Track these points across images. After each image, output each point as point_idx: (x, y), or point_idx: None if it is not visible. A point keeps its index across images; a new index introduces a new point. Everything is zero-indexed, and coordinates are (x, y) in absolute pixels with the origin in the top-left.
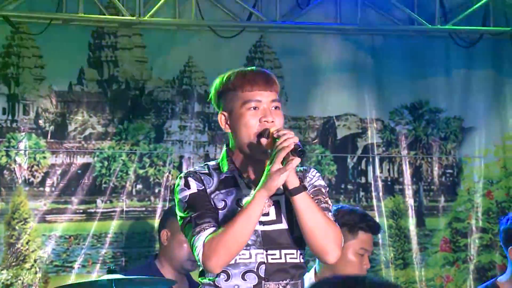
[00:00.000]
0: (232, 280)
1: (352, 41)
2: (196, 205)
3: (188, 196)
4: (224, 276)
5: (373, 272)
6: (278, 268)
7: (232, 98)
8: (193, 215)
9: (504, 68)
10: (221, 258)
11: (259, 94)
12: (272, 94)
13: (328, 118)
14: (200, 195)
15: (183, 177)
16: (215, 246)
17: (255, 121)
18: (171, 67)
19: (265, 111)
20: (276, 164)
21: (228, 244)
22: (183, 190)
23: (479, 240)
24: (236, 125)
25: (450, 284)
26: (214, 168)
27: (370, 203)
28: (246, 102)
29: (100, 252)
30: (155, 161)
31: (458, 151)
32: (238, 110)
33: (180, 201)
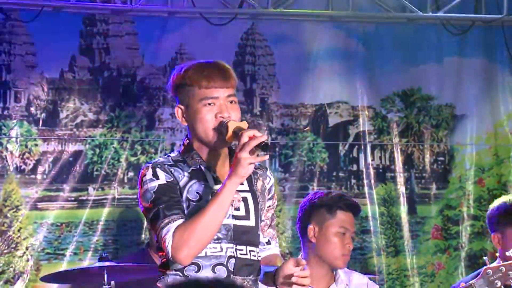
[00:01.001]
0: (202, 272)
1: (343, 29)
2: (164, 196)
3: (156, 187)
4: (195, 268)
5: (364, 259)
6: (244, 263)
7: (188, 93)
8: (161, 207)
9: (496, 55)
10: (191, 248)
11: (216, 91)
12: (229, 90)
13: (320, 105)
14: (169, 186)
15: (151, 168)
16: (186, 237)
17: (211, 117)
18: (162, 54)
19: (221, 107)
20: (245, 152)
21: (199, 234)
22: (152, 180)
23: (470, 227)
24: (193, 120)
25: (441, 271)
26: (177, 160)
27: (361, 191)
28: (202, 99)
29: (92, 240)
30: (147, 149)
31: (449, 139)
32: (194, 106)
33: (147, 191)
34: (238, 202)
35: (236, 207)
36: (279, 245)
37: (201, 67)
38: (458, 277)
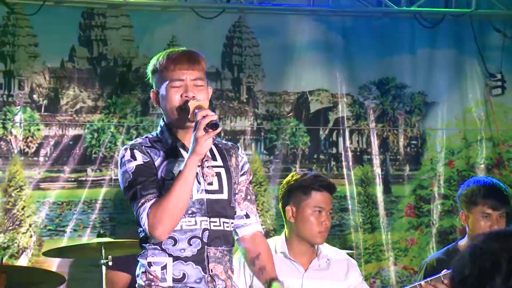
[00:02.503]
0: (179, 244)
1: (324, 22)
2: (141, 177)
3: (134, 168)
4: (172, 241)
5: (343, 235)
6: (218, 235)
7: (160, 78)
8: (138, 187)
9: (465, 47)
10: (166, 225)
11: (181, 73)
12: (195, 73)
13: (302, 93)
14: (146, 166)
15: (129, 149)
16: (159, 215)
17: (177, 97)
18: (156, 45)
19: (186, 88)
20: (200, 130)
21: (170, 211)
22: (129, 161)
23: (441, 206)
24: (163, 101)
25: (414, 246)
26: (154, 140)
27: (340, 172)
28: (170, 81)
29: (91, 217)
30: (142, 133)
31: (422, 124)
32: (163, 88)
33: (126, 172)
34: (211, 177)
35: (209, 181)
36: (264, 222)
37: (171, 53)
38: (430, 252)
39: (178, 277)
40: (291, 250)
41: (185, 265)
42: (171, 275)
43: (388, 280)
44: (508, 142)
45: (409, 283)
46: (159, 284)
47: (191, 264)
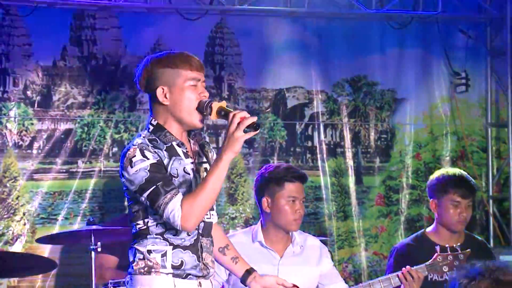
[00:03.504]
0: (179, 234)
1: (300, 24)
2: (159, 174)
3: (149, 166)
4: (173, 231)
5: (318, 223)
6: (208, 226)
7: (173, 75)
8: (159, 184)
9: (431, 47)
10: (199, 217)
11: (197, 74)
12: (203, 75)
13: (280, 90)
14: (159, 164)
15: (138, 149)
16: (194, 208)
17: (195, 96)
18: (143, 45)
19: (202, 88)
20: (240, 130)
21: (204, 204)
22: (142, 160)
23: (409, 195)
24: (178, 98)
25: (384, 233)
26: (151, 139)
27: (315, 164)
28: (188, 79)
29: (81, 206)
30: (129, 127)
31: (391, 119)
32: (180, 85)
33: (140, 170)
34: (203, 173)
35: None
36: (244, 211)
37: (182, 54)
38: (398, 238)
39: (176, 264)
40: (267, 238)
41: (183, 253)
42: (170, 262)
43: (360, 265)
44: (471, 136)
45: (381, 269)
46: (160, 270)
47: (188, 252)
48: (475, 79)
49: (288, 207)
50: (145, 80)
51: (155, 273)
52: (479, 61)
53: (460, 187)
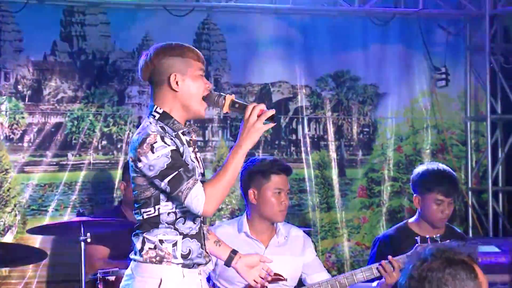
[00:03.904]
0: (187, 223)
1: (285, 20)
2: (179, 160)
3: (170, 152)
4: (182, 220)
5: (302, 214)
6: None
7: (185, 64)
8: (180, 170)
9: (413, 43)
10: (219, 202)
11: (203, 65)
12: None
13: (265, 84)
14: (178, 151)
15: (158, 135)
16: (216, 193)
17: (203, 86)
18: (131, 41)
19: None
20: (261, 122)
21: (224, 190)
22: (164, 146)
23: (390, 187)
24: (190, 86)
25: (366, 224)
26: (161, 127)
27: (299, 157)
28: (200, 69)
29: (71, 198)
30: (118, 121)
31: (373, 113)
32: (192, 74)
33: (162, 156)
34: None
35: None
36: (230, 202)
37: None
38: (380, 229)
39: (185, 253)
40: (252, 229)
41: (191, 242)
42: (180, 252)
43: (342, 255)
44: (451, 129)
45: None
46: (171, 260)
47: (195, 240)
48: (455, 74)
49: (274, 199)
50: (150, 69)
51: (166, 263)
52: (459, 57)
53: (443, 185)
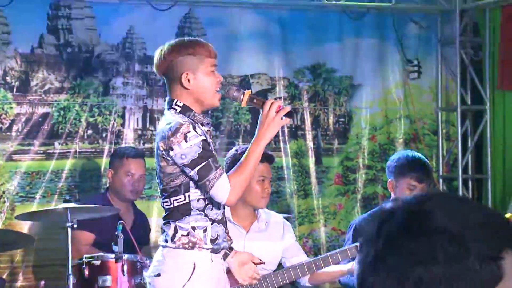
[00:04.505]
0: (214, 209)
1: (264, 14)
2: (209, 151)
3: (201, 142)
4: (210, 206)
5: (280, 201)
6: None
7: (196, 61)
8: (210, 160)
9: (386, 36)
10: (242, 191)
11: (215, 61)
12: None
13: (244, 76)
14: (207, 142)
15: (190, 125)
16: (240, 183)
17: (215, 80)
18: (116, 34)
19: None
20: (279, 116)
21: (247, 179)
22: (196, 136)
23: (365, 175)
24: (202, 82)
25: (341, 210)
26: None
27: (278, 145)
28: (212, 65)
29: (58, 185)
30: (103, 111)
31: (348, 103)
32: (204, 71)
33: (194, 145)
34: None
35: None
36: None
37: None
38: (355, 215)
39: (213, 238)
40: (234, 215)
41: (218, 227)
42: (210, 237)
43: (319, 240)
44: (423, 120)
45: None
46: (202, 246)
47: (221, 225)
48: (427, 66)
49: (258, 186)
50: (164, 66)
51: (198, 249)
52: (430, 50)
53: (417, 171)
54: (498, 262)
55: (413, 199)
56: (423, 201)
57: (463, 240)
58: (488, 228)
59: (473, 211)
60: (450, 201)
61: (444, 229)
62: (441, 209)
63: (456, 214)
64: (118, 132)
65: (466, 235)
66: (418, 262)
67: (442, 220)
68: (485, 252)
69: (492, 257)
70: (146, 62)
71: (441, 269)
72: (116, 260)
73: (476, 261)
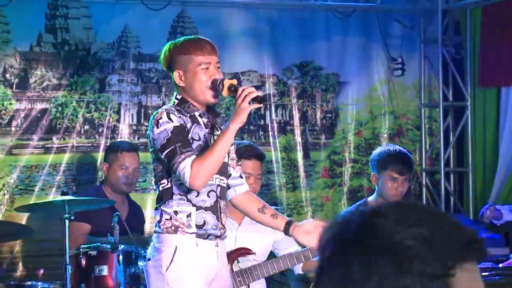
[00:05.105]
0: (200, 196)
1: (254, 13)
2: (179, 136)
3: (172, 128)
4: (195, 193)
5: (269, 194)
6: (224, 190)
7: (187, 60)
8: (177, 145)
9: (371, 35)
10: (206, 177)
11: (209, 58)
12: (216, 57)
13: (235, 73)
14: (182, 128)
15: (165, 112)
16: (202, 168)
17: (207, 78)
18: (111, 33)
19: (213, 70)
20: (246, 102)
21: (211, 165)
22: (168, 122)
23: (351, 168)
24: (192, 80)
25: (328, 203)
26: (177, 109)
27: (267, 140)
28: (199, 64)
29: (56, 179)
30: (99, 107)
31: (335, 100)
32: (193, 70)
33: (164, 131)
34: None
35: None
36: None
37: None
38: (342, 207)
39: (200, 224)
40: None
41: (205, 214)
42: (195, 222)
43: None
44: (406, 115)
45: None
46: (185, 230)
47: (210, 213)
48: (410, 64)
49: None
50: (166, 63)
51: (181, 233)
52: (414, 48)
53: (398, 165)
54: (446, 280)
55: (368, 211)
56: (376, 214)
57: (404, 258)
58: (440, 244)
59: (426, 226)
60: (403, 215)
61: (386, 247)
62: (390, 225)
63: (404, 229)
64: (113, 127)
65: (410, 252)
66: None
67: (388, 236)
68: (429, 270)
69: (438, 274)
70: (141, 60)
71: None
72: (112, 250)
73: (417, 279)
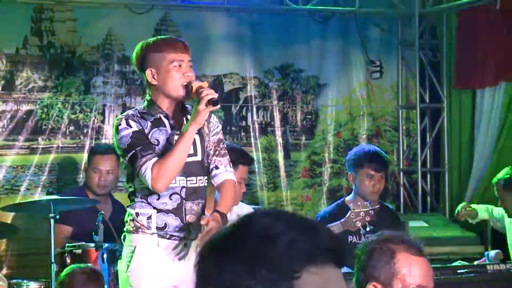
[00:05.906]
0: (162, 199)
1: (236, 17)
2: (139, 141)
3: (131, 133)
4: (156, 196)
5: (251, 193)
6: (193, 191)
7: (159, 58)
8: (137, 149)
9: (350, 39)
10: (167, 179)
11: (181, 56)
12: (188, 55)
13: (217, 76)
14: (141, 132)
15: (124, 119)
16: (162, 171)
17: (179, 75)
18: (96, 36)
19: (186, 68)
20: (202, 105)
21: (171, 167)
22: (126, 128)
23: (330, 168)
24: (165, 78)
25: (308, 202)
26: (143, 112)
27: (249, 141)
28: (172, 61)
29: (41, 179)
30: (84, 109)
31: (315, 102)
32: (165, 67)
33: (124, 137)
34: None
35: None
36: None
37: (168, 39)
38: (321, 206)
39: (160, 226)
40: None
41: (166, 216)
42: (155, 224)
43: None
44: (384, 117)
45: None
46: (145, 231)
47: (172, 215)
48: (388, 66)
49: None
50: (138, 63)
51: (142, 233)
52: (392, 51)
53: (373, 162)
54: (290, 282)
55: (239, 221)
56: (240, 225)
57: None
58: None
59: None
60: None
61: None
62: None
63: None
64: (98, 128)
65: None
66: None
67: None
68: (271, 275)
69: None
70: (125, 63)
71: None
72: (96, 249)
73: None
